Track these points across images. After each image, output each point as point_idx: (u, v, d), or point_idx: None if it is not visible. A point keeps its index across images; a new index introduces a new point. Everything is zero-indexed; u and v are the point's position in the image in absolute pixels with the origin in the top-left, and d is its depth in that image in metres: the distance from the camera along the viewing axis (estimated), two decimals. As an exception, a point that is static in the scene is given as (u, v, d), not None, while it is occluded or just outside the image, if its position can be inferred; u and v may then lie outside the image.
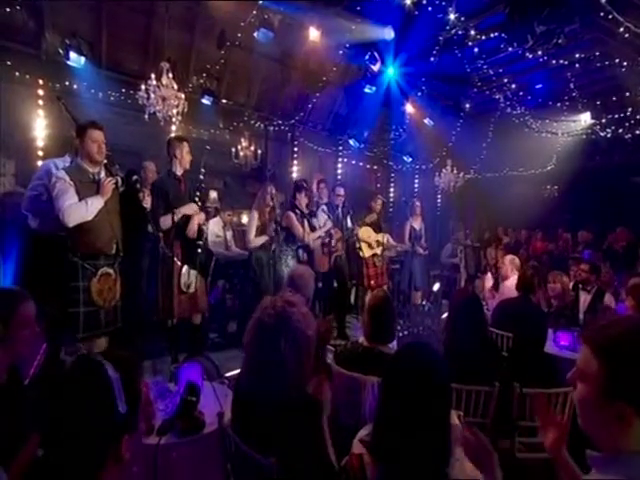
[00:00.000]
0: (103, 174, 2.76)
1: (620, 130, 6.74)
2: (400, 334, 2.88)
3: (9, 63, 4.28)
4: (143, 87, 4.26)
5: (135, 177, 2.90)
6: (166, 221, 3.21)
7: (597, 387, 0.80)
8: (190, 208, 3.35)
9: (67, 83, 4.63)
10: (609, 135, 6.99)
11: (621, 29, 3.97)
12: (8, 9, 4.04)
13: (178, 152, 3.33)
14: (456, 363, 1.87)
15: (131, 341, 3.19)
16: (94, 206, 2.64)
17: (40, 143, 4.41)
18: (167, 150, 3.39)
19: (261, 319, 1.33)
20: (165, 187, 3.33)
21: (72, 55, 4.45)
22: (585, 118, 7.20)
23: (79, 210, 2.59)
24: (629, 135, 6.74)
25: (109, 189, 2.72)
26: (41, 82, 4.48)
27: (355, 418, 1.79)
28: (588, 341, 0.85)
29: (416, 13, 5.22)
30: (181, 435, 1.64)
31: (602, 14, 3.89)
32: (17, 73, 4.33)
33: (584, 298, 3.83)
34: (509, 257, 4.33)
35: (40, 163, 4.30)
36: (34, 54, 4.50)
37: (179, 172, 3.37)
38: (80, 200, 2.61)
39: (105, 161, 2.73)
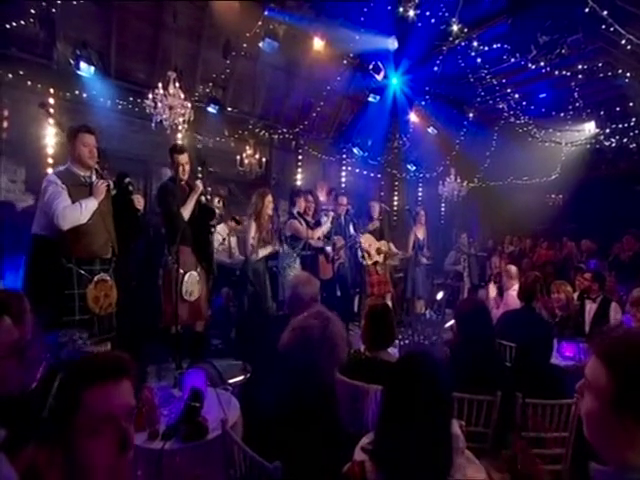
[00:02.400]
0: (94, 177, 2.72)
1: (625, 139, 6.73)
2: (402, 343, 2.88)
3: (21, 73, 4.38)
4: (150, 96, 4.32)
5: (127, 180, 2.86)
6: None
7: (606, 399, 0.79)
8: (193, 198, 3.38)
9: (77, 92, 4.72)
10: (614, 144, 6.97)
11: (623, 41, 3.99)
12: (22, 21, 4.14)
13: (176, 162, 3.38)
14: (461, 372, 1.87)
15: (133, 347, 3.19)
16: (88, 208, 2.59)
17: (50, 151, 4.48)
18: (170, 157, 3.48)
19: (306, 328, 1.38)
20: (171, 191, 3.39)
21: (82, 65, 4.54)
22: (590, 127, 7.20)
23: (74, 212, 2.53)
24: (634, 144, 6.73)
25: (102, 190, 2.68)
26: (52, 91, 4.56)
27: (357, 426, 1.79)
28: (599, 353, 0.83)
29: (419, 24, 5.28)
30: (185, 440, 1.65)
31: (604, 26, 3.92)
32: (29, 82, 4.42)
33: (589, 307, 3.79)
34: (509, 267, 4.43)
35: (50, 170, 4.38)
36: (45, 64, 4.60)
37: (183, 178, 3.43)
38: (73, 203, 2.55)
39: (96, 165, 2.70)
